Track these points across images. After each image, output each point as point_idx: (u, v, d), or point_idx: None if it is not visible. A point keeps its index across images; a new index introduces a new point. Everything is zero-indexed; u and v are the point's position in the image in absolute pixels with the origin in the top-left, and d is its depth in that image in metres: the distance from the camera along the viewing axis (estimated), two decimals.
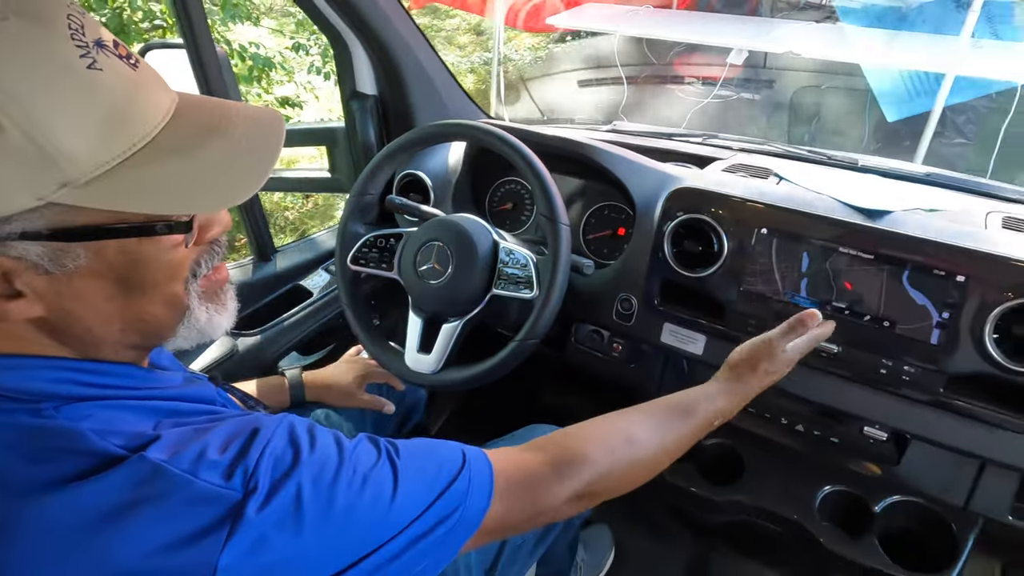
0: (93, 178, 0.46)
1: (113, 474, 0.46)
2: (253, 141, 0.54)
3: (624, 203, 1.24)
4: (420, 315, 1.04)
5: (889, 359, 0.92)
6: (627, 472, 0.73)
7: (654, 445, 0.75)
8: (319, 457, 0.53)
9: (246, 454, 0.50)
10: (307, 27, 4.24)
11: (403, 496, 0.55)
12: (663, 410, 0.79)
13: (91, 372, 0.53)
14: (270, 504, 0.49)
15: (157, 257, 0.53)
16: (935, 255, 0.87)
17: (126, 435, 0.49)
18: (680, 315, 1.08)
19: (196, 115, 0.53)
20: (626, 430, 0.74)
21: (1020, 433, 0.87)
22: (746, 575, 1.44)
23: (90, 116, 0.46)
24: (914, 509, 1.03)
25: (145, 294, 0.54)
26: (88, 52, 0.46)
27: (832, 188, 1.07)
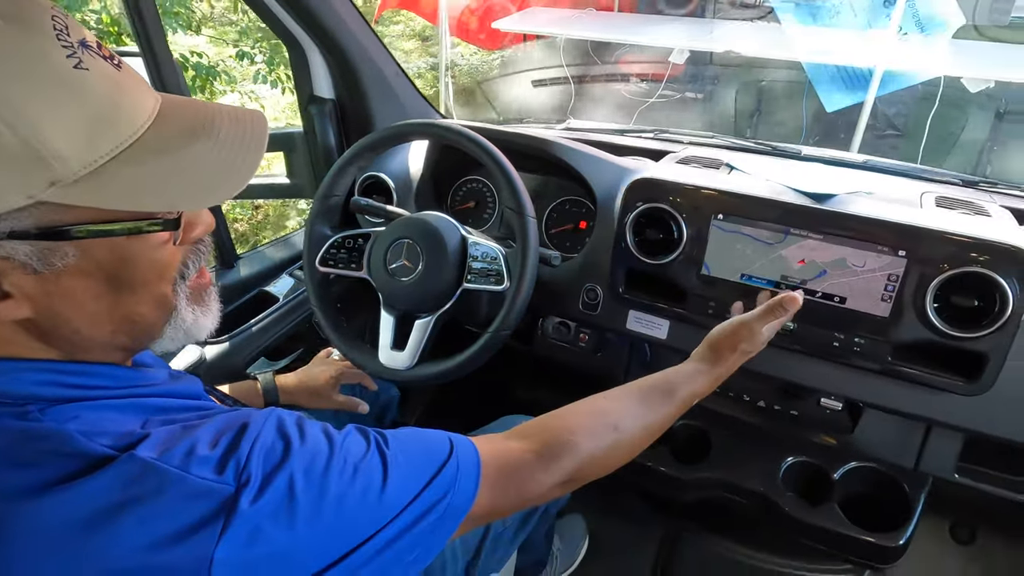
0: (81, 176, 0.47)
1: (103, 474, 0.46)
2: (237, 140, 0.55)
3: (584, 197, 1.28)
4: (392, 313, 1.05)
5: (841, 333, 0.98)
6: (610, 454, 0.75)
7: (637, 427, 0.78)
8: (310, 448, 0.54)
9: (237, 448, 0.51)
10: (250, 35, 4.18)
11: (393, 484, 0.56)
12: (645, 392, 0.81)
13: (77, 374, 0.52)
14: (263, 496, 0.49)
15: (146, 255, 0.53)
16: (878, 233, 0.93)
17: (114, 435, 0.49)
18: (644, 302, 1.12)
19: (180, 115, 0.54)
20: (609, 414, 0.76)
21: (962, 395, 0.94)
22: (716, 551, 1.49)
23: (78, 115, 0.46)
24: (869, 474, 1.10)
25: (135, 293, 0.54)
26: (74, 52, 0.46)
27: (779, 176, 1.13)
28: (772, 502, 1.10)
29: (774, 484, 1.11)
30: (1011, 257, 0.87)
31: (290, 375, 1.11)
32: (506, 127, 1.31)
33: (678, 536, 1.54)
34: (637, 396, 0.81)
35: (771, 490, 1.11)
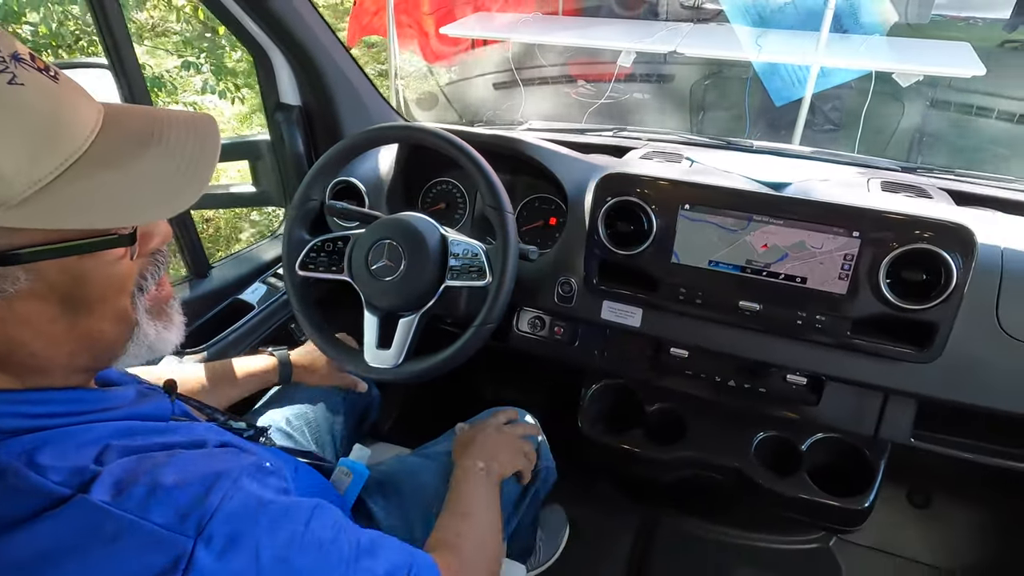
0: (27, 197, 0.45)
1: (54, 517, 0.44)
2: (189, 148, 0.53)
3: (553, 194, 1.32)
4: (375, 313, 1.07)
5: (803, 311, 1.05)
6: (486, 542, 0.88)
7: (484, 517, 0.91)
8: (277, 514, 0.53)
9: (204, 499, 0.49)
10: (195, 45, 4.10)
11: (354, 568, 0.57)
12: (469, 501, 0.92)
13: (36, 402, 0.51)
14: (225, 559, 0.48)
15: (100, 272, 0.51)
16: (833, 216, 1.00)
17: (68, 470, 0.47)
18: (617, 292, 1.17)
19: (126, 125, 0.52)
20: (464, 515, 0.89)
21: (915, 363, 1.01)
22: (693, 532, 1.55)
23: (17, 133, 0.44)
24: (834, 444, 1.17)
25: (92, 312, 0.52)
26: (7, 68, 0.44)
27: (737, 167, 1.19)
28: (746, 476, 1.16)
29: (747, 459, 1.17)
30: (953, 234, 0.94)
31: (300, 353, 1.14)
32: (474, 128, 1.34)
33: (656, 520, 1.59)
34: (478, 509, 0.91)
35: (745, 464, 1.17)
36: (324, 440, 1.12)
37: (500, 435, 1.06)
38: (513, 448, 1.05)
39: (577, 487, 1.53)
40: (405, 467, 1.07)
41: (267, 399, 1.13)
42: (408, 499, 1.00)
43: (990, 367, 1.00)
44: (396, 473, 1.04)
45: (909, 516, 1.55)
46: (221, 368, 1.05)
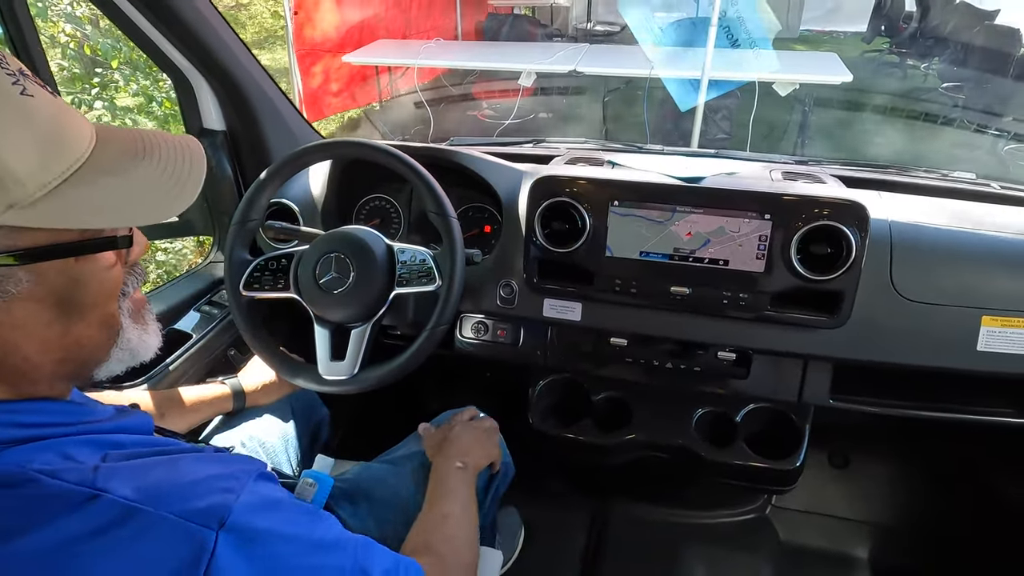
0: (38, 199, 0.47)
1: (77, 516, 0.46)
2: (176, 161, 0.57)
3: (486, 202, 1.38)
4: (326, 327, 1.08)
5: (728, 291, 1.14)
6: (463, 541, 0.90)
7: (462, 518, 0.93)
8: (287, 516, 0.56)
9: (222, 496, 0.51)
10: (84, 80, 3.90)
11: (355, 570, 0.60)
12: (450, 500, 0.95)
13: (28, 412, 0.52)
14: (247, 549, 0.50)
15: (95, 276, 0.54)
16: (747, 202, 1.11)
17: (83, 471, 0.48)
18: (557, 289, 1.23)
19: (118, 139, 0.56)
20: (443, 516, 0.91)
21: (827, 329, 1.13)
22: (643, 515, 1.63)
23: (30, 139, 0.47)
24: (765, 412, 1.27)
25: (84, 317, 0.54)
26: (18, 80, 0.48)
27: (654, 166, 1.29)
28: (690, 451, 1.24)
29: (689, 434, 1.26)
30: (849, 210, 1.07)
31: (249, 376, 1.13)
32: (407, 143, 1.38)
33: (608, 510, 1.65)
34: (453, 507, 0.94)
35: (687, 440, 1.25)
36: (280, 460, 1.12)
37: (469, 431, 1.09)
38: (483, 440, 1.09)
39: (530, 488, 1.57)
40: (370, 473, 1.08)
41: (216, 424, 1.11)
42: (377, 504, 1.01)
43: (890, 327, 1.12)
44: (362, 480, 1.05)
45: (832, 477, 1.69)
46: (174, 396, 1.03)
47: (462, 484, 0.97)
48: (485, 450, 1.08)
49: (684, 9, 3.76)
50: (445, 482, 0.97)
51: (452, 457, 1.01)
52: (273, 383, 1.14)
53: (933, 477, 1.66)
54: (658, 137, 4.40)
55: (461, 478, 0.98)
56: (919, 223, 1.16)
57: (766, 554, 1.60)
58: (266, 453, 1.09)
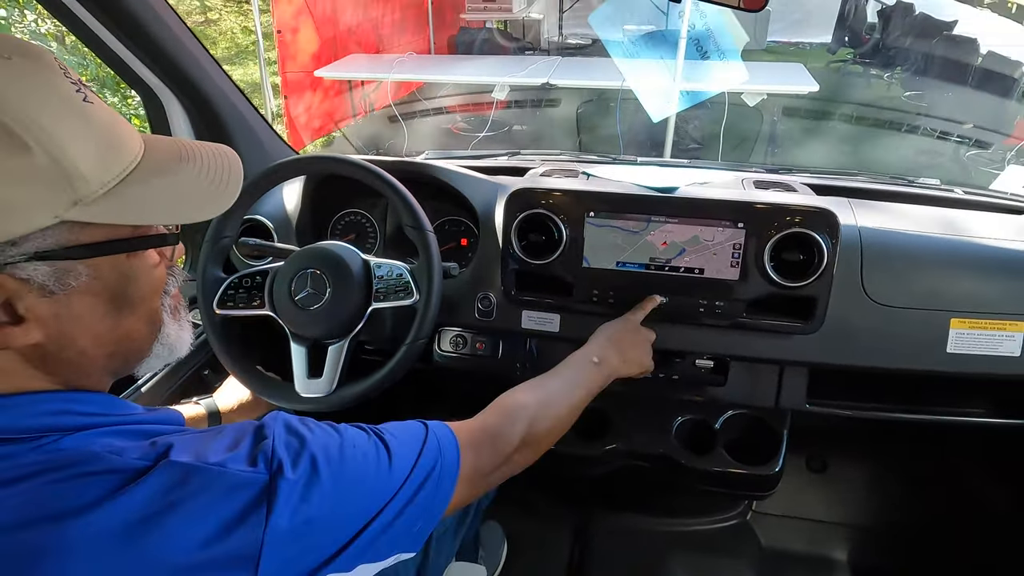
0: (99, 196, 0.51)
1: (145, 483, 0.49)
2: (217, 166, 0.62)
3: (462, 215, 1.38)
4: (303, 343, 1.07)
5: (704, 299, 1.15)
6: (549, 419, 0.89)
7: (563, 404, 0.95)
8: (321, 438, 0.60)
9: (260, 444, 0.56)
10: None
11: (396, 459, 0.64)
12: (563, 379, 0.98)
13: (83, 402, 0.55)
14: (294, 478, 0.54)
15: (144, 272, 0.58)
16: (721, 211, 1.12)
17: (139, 449, 0.52)
18: (535, 300, 1.23)
19: (162, 146, 0.60)
20: (543, 389, 0.93)
21: (802, 335, 1.14)
22: (625, 525, 1.63)
23: (93, 141, 0.51)
24: (743, 418, 1.28)
25: (134, 311, 0.58)
26: (80, 88, 0.52)
27: (628, 177, 1.30)
28: (671, 459, 1.25)
29: (669, 442, 1.26)
30: (820, 217, 1.09)
31: (224, 396, 1.12)
32: (381, 157, 1.38)
33: (590, 521, 1.65)
34: (559, 381, 0.97)
35: (667, 448, 1.25)
36: None
37: (636, 334, 1.10)
38: (643, 350, 1.10)
39: (512, 502, 1.56)
40: None
41: None
42: None
43: (862, 331, 1.14)
44: None
45: (810, 481, 1.71)
46: None
47: (585, 373, 0.99)
48: (640, 359, 1.09)
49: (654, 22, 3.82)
50: (570, 364, 1.00)
51: (594, 350, 1.03)
52: (249, 402, 1.12)
53: (910, 478, 1.69)
54: (631, 148, 4.45)
55: (589, 368, 1.00)
56: (887, 229, 1.18)
57: (748, 559, 1.61)
58: None
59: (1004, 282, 1.13)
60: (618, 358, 1.05)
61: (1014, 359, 1.10)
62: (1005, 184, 1.50)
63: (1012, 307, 1.11)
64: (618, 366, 1.05)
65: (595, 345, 1.05)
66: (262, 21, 5.04)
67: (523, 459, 0.84)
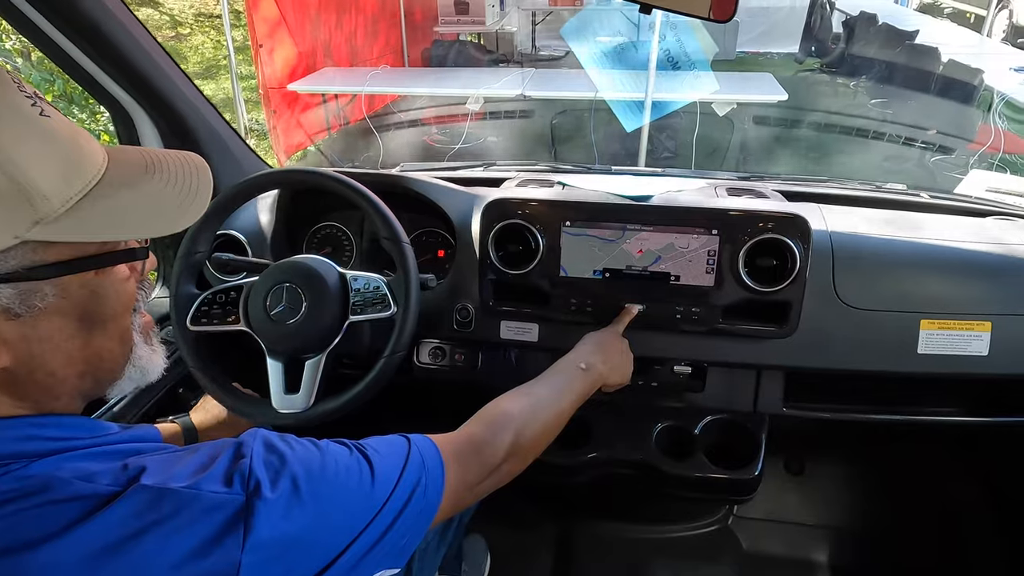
0: (62, 213, 0.49)
1: (115, 508, 0.47)
2: (185, 175, 0.60)
3: (438, 226, 1.38)
4: (279, 358, 1.06)
5: (680, 306, 1.16)
6: (536, 428, 0.88)
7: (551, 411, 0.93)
8: (301, 454, 0.59)
9: (237, 463, 0.54)
10: None
11: (379, 475, 0.63)
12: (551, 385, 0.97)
13: (52, 426, 0.53)
14: (273, 497, 0.53)
15: (113, 288, 0.56)
16: (694, 218, 1.14)
17: (109, 473, 0.50)
18: (513, 310, 1.23)
19: (127, 156, 0.58)
20: (529, 396, 0.91)
21: (777, 339, 1.16)
22: (608, 533, 1.63)
23: (52, 157, 0.49)
24: (722, 423, 1.29)
25: (105, 329, 0.57)
26: (36, 102, 0.50)
27: (603, 186, 1.31)
28: (651, 466, 1.25)
29: (650, 450, 1.26)
30: (792, 223, 1.10)
31: (201, 414, 1.11)
32: (355, 169, 1.37)
33: (572, 531, 1.65)
34: (546, 388, 0.96)
35: (648, 456, 1.26)
36: None
37: (622, 343, 1.11)
38: (627, 359, 1.09)
39: (494, 513, 1.55)
40: None
41: None
42: None
43: (836, 334, 1.16)
44: None
45: (789, 484, 1.72)
46: None
47: (572, 380, 0.97)
48: (622, 368, 1.08)
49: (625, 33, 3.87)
50: (556, 370, 0.98)
51: (580, 357, 1.02)
52: (227, 420, 1.10)
53: (887, 479, 1.71)
54: (606, 158, 4.49)
55: (576, 375, 0.98)
56: (857, 233, 1.21)
57: (730, 564, 1.62)
58: None
59: (970, 283, 1.16)
60: (605, 365, 1.05)
61: (983, 358, 1.13)
62: (969, 188, 1.55)
63: (978, 307, 1.13)
64: (605, 372, 1.04)
65: (582, 351, 1.05)
66: (233, 36, 5.00)
67: (511, 468, 0.83)
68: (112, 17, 1.08)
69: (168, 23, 8.89)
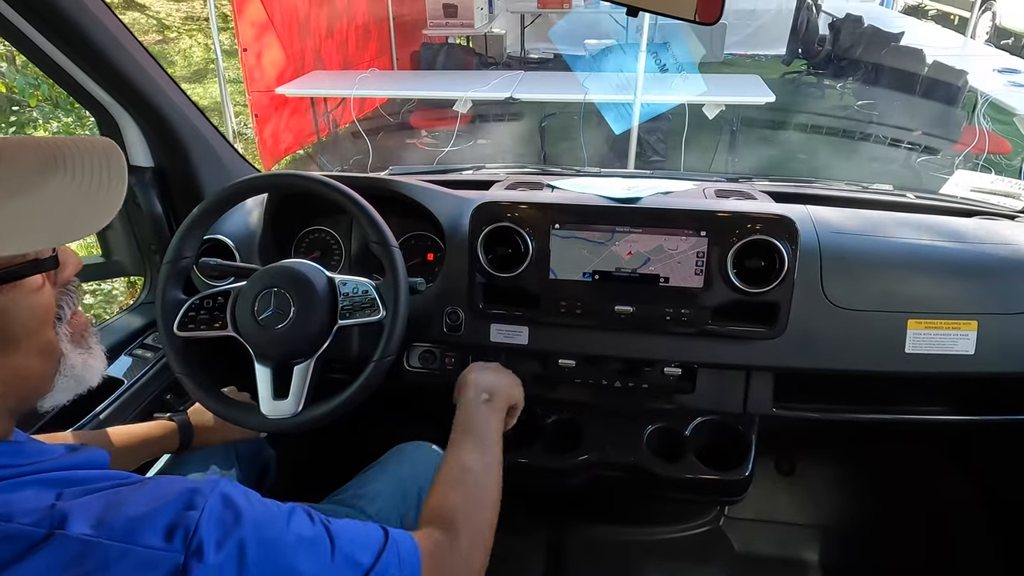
0: None
1: (36, 558, 0.43)
2: (92, 170, 0.54)
3: (427, 230, 1.37)
4: (268, 364, 1.05)
5: (670, 308, 1.17)
6: (487, 507, 0.84)
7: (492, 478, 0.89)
8: (260, 517, 0.54)
9: (185, 515, 0.49)
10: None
11: (339, 556, 0.57)
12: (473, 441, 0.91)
13: None
14: (215, 563, 0.48)
15: (22, 304, 0.51)
16: (683, 220, 1.14)
17: (34, 512, 0.45)
18: (503, 313, 1.23)
19: (25, 154, 0.53)
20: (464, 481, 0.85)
21: (766, 340, 1.16)
22: (599, 536, 1.63)
23: None
24: (712, 424, 1.29)
25: (19, 347, 0.52)
26: None
27: (592, 189, 1.31)
28: (643, 468, 1.25)
29: (641, 452, 1.26)
30: (779, 224, 1.11)
31: (198, 414, 1.09)
32: (344, 173, 1.37)
33: (564, 534, 1.64)
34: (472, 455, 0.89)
35: (639, 458, 1.26)
36: None
37: (491, 370, 1.06)
38: (512, 380, 1.05)
39: None
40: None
41: (156, 470, 1.06)
42: None
43: (824, 335, 1.17)
44: None
45: (780, 484, 1.73)
46: (116, 435, 0.99)
47: (488, 419, 0.93)
48: (510, 389, 1.04)
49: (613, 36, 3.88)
50: (470, 418, 0.92)
51: (477, 390, 0.98)
52: (224, 424, 1.09)
53: (876, 478, 1.72)
54: (595, 160, 4.50)
55: (487, 412, 0.94)
56: (844, 233, 1.22)
57: (721, 565, 1.62)
58: None
59: (956, 282, 1.17)
60: (500, 382, 1.03)
61: (969, 357, 1.14)
62: (954, 188, 1.56)
63: (964, 306, 1.14)
64: (505, 389, 1.02)
65: (473, 385, 1.01)
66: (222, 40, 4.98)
67: (478, 559, 0.76)
68: (95, 20, 1.06)
69: (155, 27, 8.84)
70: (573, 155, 4.58)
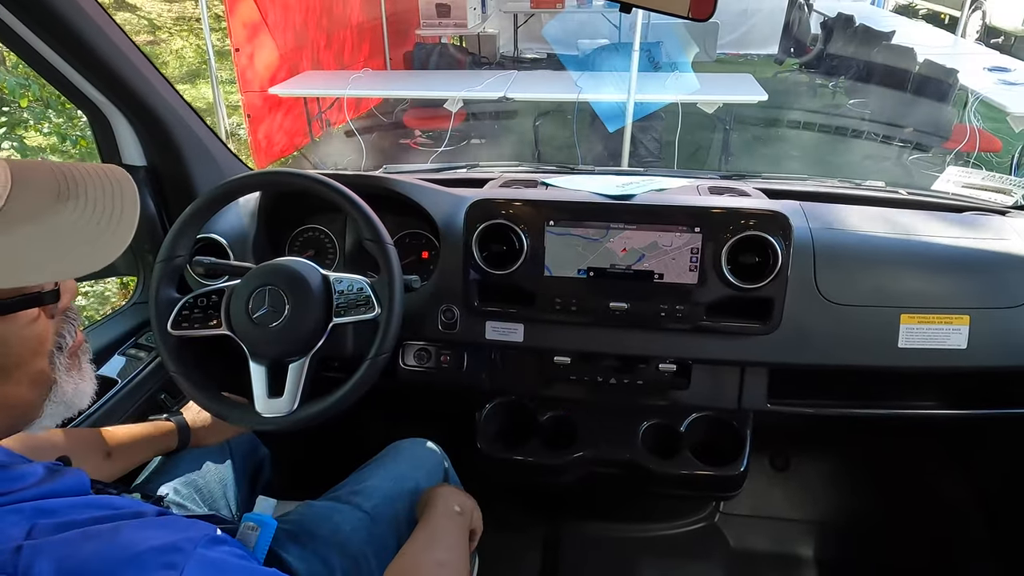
0: None
1: None
2: (106, 201, 0.53)
3: (422, 228, 1.37)
4: (262, 362, 1.04)
5: (664, 304, 1.17)
6: None
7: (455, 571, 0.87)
8: None
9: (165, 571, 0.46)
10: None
11: None
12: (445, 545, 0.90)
13: None
14: None
15: (17, 335, 0.50)
16: (678, 216, 1.14)
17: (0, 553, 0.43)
18: (498, 311, 1.23)
19: (38, 180, 0.51)
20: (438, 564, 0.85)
21: (760, 336, 1.17)
22: (595, 533, 1.63)
23: None
24: (707, 420, 1.30)
25: (10, 377, 0.50)
26: None
27: (586, 186, 1.31)
28: (638, 465, 1.25)
29: (636, 448, 1.27)
30: (773, 220, 1.11)
31: (196, 413, 1.09)
32: (338, 172, 1.36)
33: (560, 531, 1.65)
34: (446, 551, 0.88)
35: (635, 454, 1.26)
36: (218, 505, 1.07)
37: (465, 494, 1.06)
38: (475, 505, 1.05)
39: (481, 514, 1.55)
40: (315, 512, 1.04)
41: (152, 469, 1.06)
42: (324, 543, 0.97)
43: (818, 330, 1.17)
44: (306, 520, 1.01)
45: (775, 480, 1.74)
46: (115, 436, 0.98)
47: (458, 530, 0.93)
48: (476, 511, 1.05)
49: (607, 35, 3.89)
50: (441, 525, 0.92)
51: (450, 504, 0.97)
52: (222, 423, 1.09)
53: (871, 472, 1.73)
54: (589, 159, 4.50)
55: (458, 524, 0.94)
56: (838, 229, 1.22)
57: (717, 561, 1.63)
58: (203, 499, 1.04)
59: (948, 277, 1.18)
60: (468, 503, 1.03)
61: (962, 351, 1.15)
62: (945, 185, 1.57)
63: (956, 301, 1.15)
64: (471, 512, 1.03)
65: (443, 498, 1.00)
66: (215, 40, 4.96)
67: None
68: (87, 18, 1.06)
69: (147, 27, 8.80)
70: (567, 154, 4.59)
